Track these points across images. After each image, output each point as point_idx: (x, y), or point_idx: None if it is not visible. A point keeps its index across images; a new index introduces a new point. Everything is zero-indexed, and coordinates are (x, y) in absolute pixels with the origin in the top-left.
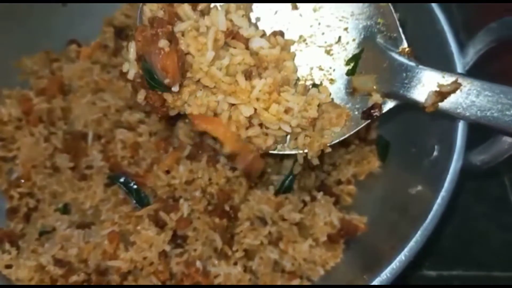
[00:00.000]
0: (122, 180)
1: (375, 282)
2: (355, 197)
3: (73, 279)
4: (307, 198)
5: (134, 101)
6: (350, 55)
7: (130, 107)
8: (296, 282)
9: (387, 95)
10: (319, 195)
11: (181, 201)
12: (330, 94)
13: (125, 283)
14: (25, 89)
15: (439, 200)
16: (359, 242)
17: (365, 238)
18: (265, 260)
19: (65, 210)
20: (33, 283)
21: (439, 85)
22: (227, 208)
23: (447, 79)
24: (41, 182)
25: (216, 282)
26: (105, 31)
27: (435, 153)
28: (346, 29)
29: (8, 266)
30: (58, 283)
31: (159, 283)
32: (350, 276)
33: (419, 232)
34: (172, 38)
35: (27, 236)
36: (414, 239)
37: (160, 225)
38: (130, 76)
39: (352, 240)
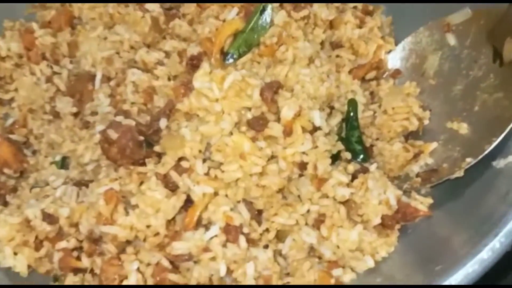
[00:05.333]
0: None
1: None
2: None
3: (62, 245)
4: (357, 167)
5: (152, 37)
6: None
7: (148, 45)
8: (337, 272)
9: None
10: (373, 167)
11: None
12: None
13: (123, 255)
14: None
15: None
16: (418, 228)
17: (427, 225)
18: (298, 243)
19: (62, 164)
20: (13, 244)
21: None
22: None
23: None
24: (38, 130)
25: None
26: None
27: None
28: None
29: None
30: (43, 248)
31: (166, 259)
32: (406, 270)
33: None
34: None
35: (19, 191)
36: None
37: (171, 187)
38: None
39: (410, 226)
